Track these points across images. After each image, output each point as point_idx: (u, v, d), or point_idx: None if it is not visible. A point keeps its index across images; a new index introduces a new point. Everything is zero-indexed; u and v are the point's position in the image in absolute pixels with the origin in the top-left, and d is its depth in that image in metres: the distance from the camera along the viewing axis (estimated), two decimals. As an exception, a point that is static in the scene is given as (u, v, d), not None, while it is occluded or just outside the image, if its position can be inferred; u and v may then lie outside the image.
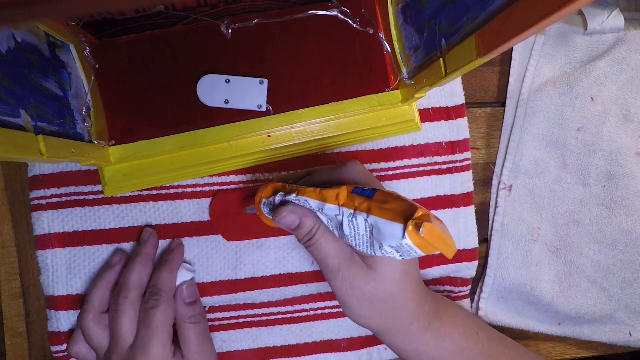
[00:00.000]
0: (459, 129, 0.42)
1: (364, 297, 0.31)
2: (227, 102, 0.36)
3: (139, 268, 0.35)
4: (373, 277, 0.31)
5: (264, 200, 0.33)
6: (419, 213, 0.25)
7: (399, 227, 0.25)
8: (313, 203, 0.30)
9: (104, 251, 0.38)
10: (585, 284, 0.45)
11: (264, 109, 0.37)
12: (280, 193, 0.32)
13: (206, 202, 0.39)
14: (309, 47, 0.38)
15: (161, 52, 0.36)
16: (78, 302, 0.38)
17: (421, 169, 0.42)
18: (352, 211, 0.28)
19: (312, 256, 0.32)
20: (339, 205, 0.28)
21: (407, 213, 0.25)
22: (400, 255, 0.27)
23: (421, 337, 0.34)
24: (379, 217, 0.26)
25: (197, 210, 0.39)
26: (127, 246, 0.38)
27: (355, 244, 0.29)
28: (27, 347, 0.39)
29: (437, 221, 0.26)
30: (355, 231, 0.28)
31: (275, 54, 0.37)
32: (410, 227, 0.24)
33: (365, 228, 0.28)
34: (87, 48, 0.34)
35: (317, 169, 0.33)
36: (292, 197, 0.31)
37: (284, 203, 0.31)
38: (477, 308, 0.45)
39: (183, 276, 0.38)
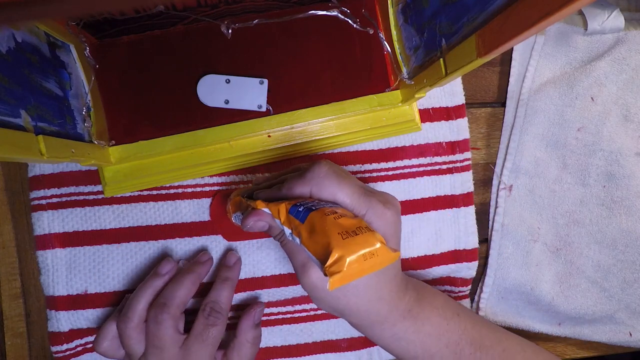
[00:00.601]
0: (459, 129, 0.42)
1: (331, 295, 0.30)
2: (227, 102, 0.36)
3: (189, 285, 0.35)
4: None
5: (234, 215, 0.34)
6: (332, 259, 0.24)
7: (320, 265, 0.25)
8: (267, 211, 0.30)
9: (104, 251, 0.38)
10: (585, 284, 0.45)
11: (264, 109, 0.37)
12: (239, 213, 0.33)
13: (206, 202, 0.39)
14: (309, 47, 0.38)
15: (161, 52, 0.36)
16: (78, 302, 0.38)
17: (421, 169, 0.42)
18: (290, 231, 0.28)
19: (284, 251, 0.32)
20: (280, 222, 0.29)
21: (325, 254, 0.25)
22: None
23: (400, 324, 0.33)
24: (307, 249, 0.27)
25: (197, 210, 0.39)
26: (127, 246, 0.38)
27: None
28: (27, 347, 0.39)
29: (360, 247, 0.25)
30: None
31: (275, 54, 0.37)
32: (324, 271, 0.24)
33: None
34: (87, 48, 0.34)
35: (287, 176, 0.32)
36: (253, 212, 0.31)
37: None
38: (477, 308, 0.45)
39: None
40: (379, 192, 0.32)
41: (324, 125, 0.39)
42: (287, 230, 0.28)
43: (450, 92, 0.42)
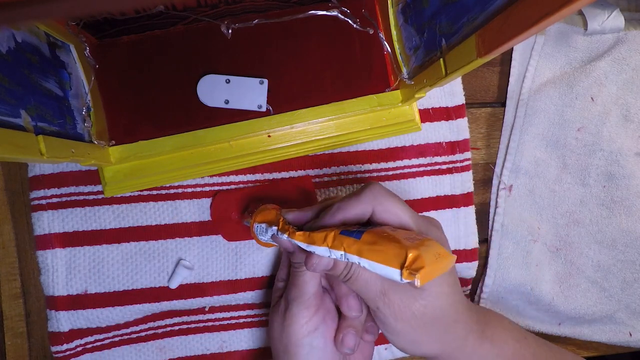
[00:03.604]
0: (459, 129, 0.42)
1: (416, 319, 0.29)
2: (227, 102, 0.36)
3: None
4: (421, 295, 0.29)
5: (257, 224, 0.33)
6: (410, 258, 0.24)
7: (395, 272, 0.25)
8: (302, 245, 0.29)
9: (103, 251, 0.38)
10: (585, 284, 0.45)
11: (264, 109, 0.37)
12: (275, 227, 0.32)
13: (206, 202, 0.39)
14: (309, 47, 0.38)
15: (161, 52, 0.36)
16: (78, 302, 0.38)
17: (421, 169, 0.42)
18: (342, 252, 0.27)
19: (354, 290, 0.30)
20: (328, 247, 0.28)
21: (400, 257, 0.25)
22: None
23: (479, 348, 0.32)
24: (372, 261, 0.26)
25: (197, 210, 0.39)
26: (127, 246, 0.38)
27: None
28: (27, 347, 0.39)
29: (429, 248, 0.26)
30: None
31: (275, 54, 0.37)
32: (406, 273, 0.24)
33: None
34: (87, 48, 0.34)
35: (333, 201, 0.31)
36: (283, 237, 0.31)
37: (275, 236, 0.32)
38: (477, 308, 0.45)
39: (182, 272, 0.38)
40: (427, 216, 0.33)
41: (324, 125, 0.39)
42: (338, 253, 0.27)
43: (450, 92, 0.42)
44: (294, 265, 0.32)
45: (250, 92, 0.36)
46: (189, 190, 0.39)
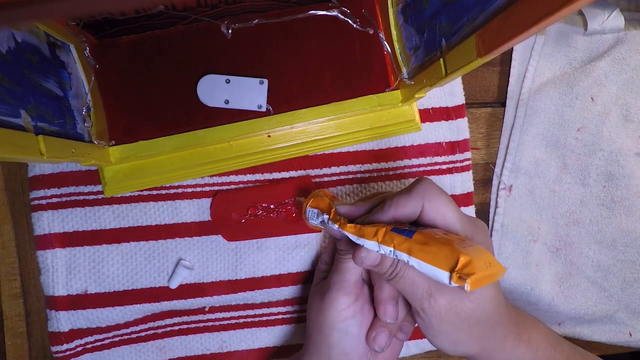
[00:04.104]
0: (459, 129, 0.42)
1: (460, 320, 0.29)
2: (227, 102, 0.36)
3: None
4: (469, 298, 0.29)
5: (310, 208, 0.35)
6: (462, 262, 0.24)
7: (444, 274, 0.25)
8: (352, 237, 0.30)
9: (103, 251, 0.38)
10: (585, 284, 0.45)
11: (264, 109, 0.37)
12: (326, 215, 0.33)
13: (206, 202, 0.39)
14: (309, 47, 0.38)
15: (161, 52, 0.36)
16: (78, 302, 0.38)
17: (421, 169, 0.42)
18: (391, 249, 0.27)
19: (398, 289, 0.30)
20: (377, 242, 0.28)
21: (451, 260, 0.25)
22: None
23: (516, 350, 0.32)
24: (421, 260, 0.26)
25: (197, 210, 0.39)
26: (127, 246, 0.38)
27: None
28: (27, 347, 0.39)
29: (480, 256, 0.25)
30: None
31: (275, 54, 0.37)
32: (455, 277, 0.24)
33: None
34: (87, 48, 0.34)
35: (385, 196, 0.32)
36: (334, 227, 0.31)
37: (324, 223, 0.33)
38: (477, 308, 0.45)
39: (182, 272, 0.38)
40: (472, 217, 0.32)
41: (324, 125, 0.39)
42: (387, 249, 0.27)
43: (450, 92, 0.42)
44: (339, 252, 0.33)
45: (250, 92, 0.36)
46: (189, 190, 0.39)
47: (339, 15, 0.37)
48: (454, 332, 0.30)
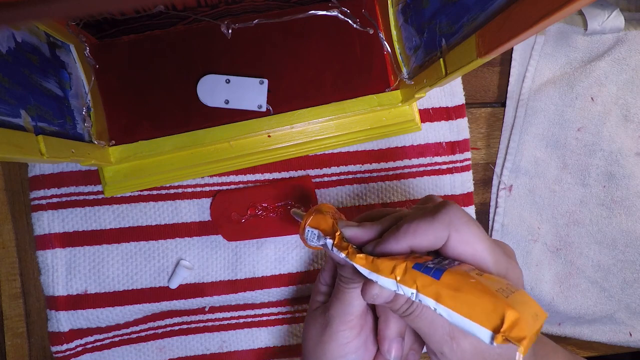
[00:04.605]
0: (459, 129, 0.42)
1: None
2: (227, 102, 0.36)
3: None
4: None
5: (309, 228, 0.29)
6: (509, 320, 0.20)
7: (486, 333, 0.20)
8: (363, 271, 0.25)
9: (103, 251, 0.38)
10: (585, 284, 0.45)
11: (264, 109, 0.37)
12: (329, 240, 0.28)
13: (206, 202, 0.39)
14: (309, 47, 0.38)
15: (161, 52, 0.36)
16: (78, 302, 0.38)
17: (421, 169, 0.42)
18: (413, 291, 0.23)
19: (413, 327, 0.27)
20: (396, 280, 0.24)
21: (494, 316, 0.20)
22: None
23: None
24: (454, 311, 0.21)
25: (197, 210, 0.39)
26: (127, 246, 0.38)
27: None
28: (27, 347, 0.39)
29: (527, 308, 0.21)
30: None
31: (275, 54, 0.37)
32: (500, 339, 0.20)
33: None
34: (87, 48, 0.34)
35: (400, 214, 0.27)
36: (340, 255, 0.27)
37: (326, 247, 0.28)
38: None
39: (182, 272, 0.38)
40: (500, 242, 0.28)
41: (324, 125, 0.39)
42: (408, 290, 0.23)
43: (450, 92, 0.42)
44: (342, 280, 0.29)
45: (250, 92, 0.36)
46: (189, 190, 0.39)
47: (339, 15, 0.37)
48: None
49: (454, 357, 0.25)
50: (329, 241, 0.28)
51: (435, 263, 0.24)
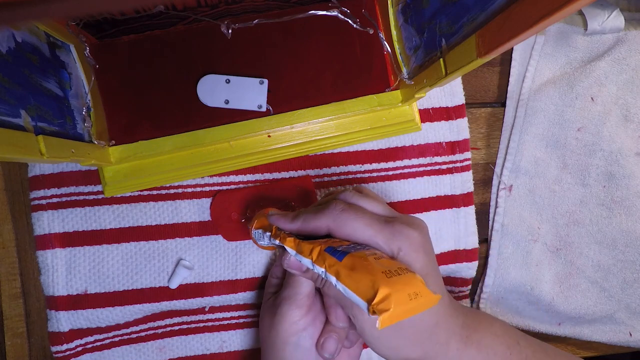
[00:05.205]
0: (459, 129, 0.42)
1: (395, 325, 0.27)
2: (227, 102, 0.36)
3: None
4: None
5: (254, 230, 0.36)
6: (380, 296, 0.24)
7: (363, 303, 0.24)
8: (291, 252, 0.30)
9: (103, 251, 0.38)
10: (585, 284, 0.45)
11: (264, 109, 0.37)
12: (268, 233, 0.34)
13: (206, 202, 0.39)
14: (309, 47, 0.38)
15: (161, 52, 0.36)
16: (78, 302, 0.38)
17: (421, 169, 0.42)
18: (323, 269, 0.27)
19: (331, 295, 0.31)
20: (312, 260, 0.28)
21: (369, 291, 0.24)
22: None
23: (463, 353, 0.31)
24: (346, 287, 0.26)
25: (197, 210, 0.39)
26: (127, 246, 0.38)
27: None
28: (27, 347, 0.39)
29: (405, 287, 0.25)
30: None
31: (275, 54, 0.37)
32: (371, 310, 0.23)
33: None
34: (87, 48, 0.34)
35: (302, 210, 0.33)
36: (275, 242, 0.32)
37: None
38: (477, 308, 0.45)
39: (182, 272, 0.38)
40: (401, 215, 0.32)
41: (324, 125, 0.39)
42: (320, 269, 0.27)
43: (450, 92, 0.42)
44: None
45: (250, 92, 0.36)
46: (189, 190, 0.39)
47: (339, 15, 0.37)
48: (390, 338, 0.29)
49: (363, 318, 0.29)
50: (268, 234, 0.33)
51: (345, 247, 0.28)
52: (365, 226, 0.29)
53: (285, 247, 0.31)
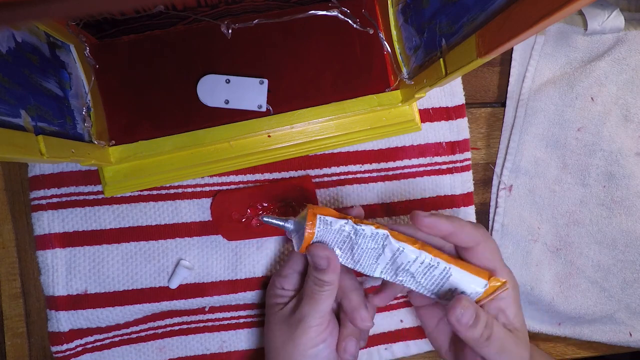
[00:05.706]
0: (459, 129, 0.42)
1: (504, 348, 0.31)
2: (227, 102, 0.36)
3: None
4: (518, 338, 0.32)
5: (321, 216, 0.32)
6: (493, 278, 0.33)
7: (482, 282, 0.32)
8: (393, 241, 0.32)
9: (103, 251, 0.38)
10: (585, 284, 0.45)
11: (264, 109, 0.37)
12: (350, 219, 0.33)
13: (206, 202, 0.39)
14: (309, 47, 0.38)
15: (161, 52, 0.36)
16: (78, 302, 0.38)
17: (421, 169, 0.42)
18: (432, 256, 0.32)
19: (482, 354, 0.32)
20: (417, 248, 0.32)
21: (482, 274, 0.33)
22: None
23: None
24: (463, 270, 0.32)
25: (197, 210, 0.39)
26: (127, 246, 0.38)
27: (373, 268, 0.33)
28: (27, 347, 0.39)
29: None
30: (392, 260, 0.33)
31: (275, 54, 0.37)
32: (490, 284, 0.32)
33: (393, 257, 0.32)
34: (87, 48, 0.34)
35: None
36: (361, 227, 0.32)
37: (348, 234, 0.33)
38: (477, 308, 0.45)
39: (182, 272, 0.38)
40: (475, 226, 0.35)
41: (324, 125, 0.39)
42: (428, 256, 0.32)
43: (450, 92, 0.42)
44: (316, 282, 0.33)
45: (250, 92, 0.36)
46: (189, 190, 0.39)
47: (339, 15, 0.37)
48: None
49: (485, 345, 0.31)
50: (350, 220, 0.32)
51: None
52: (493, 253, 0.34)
53: (383, 232, 0.32)
